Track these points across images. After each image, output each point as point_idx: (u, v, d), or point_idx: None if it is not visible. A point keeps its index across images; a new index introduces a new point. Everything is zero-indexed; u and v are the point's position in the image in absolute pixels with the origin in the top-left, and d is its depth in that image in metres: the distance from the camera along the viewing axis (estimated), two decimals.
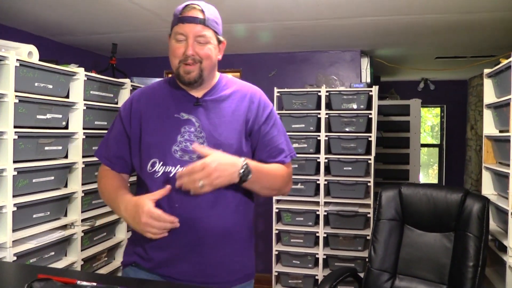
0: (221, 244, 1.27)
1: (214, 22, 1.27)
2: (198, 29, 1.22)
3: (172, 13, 1.31)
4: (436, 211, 1.94)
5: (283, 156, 1.34)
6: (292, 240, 3.32)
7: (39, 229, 2.16)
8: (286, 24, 3.08)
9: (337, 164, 3.23)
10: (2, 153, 1.95)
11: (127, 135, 1.33)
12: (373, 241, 2.02)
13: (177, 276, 1.25)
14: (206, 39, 1.24)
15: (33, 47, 2.12)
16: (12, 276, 1.22)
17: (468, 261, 1.77)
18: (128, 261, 1.33)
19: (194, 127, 1.26)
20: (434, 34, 3.35)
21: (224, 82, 1.36)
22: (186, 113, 1.28)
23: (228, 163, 1.16)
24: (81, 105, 2.42)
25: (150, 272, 1.28)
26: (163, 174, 1.24)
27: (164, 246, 1.24)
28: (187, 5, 1.25)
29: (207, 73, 1.27)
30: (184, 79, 1.26)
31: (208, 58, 1.25)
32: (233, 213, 1.29)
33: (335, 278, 1.87)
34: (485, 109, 2.49)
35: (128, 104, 1.37)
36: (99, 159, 1.40)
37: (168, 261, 1.25)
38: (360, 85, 3.27)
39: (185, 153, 1.24)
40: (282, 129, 1.38)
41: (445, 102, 6.42)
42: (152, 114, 1.31)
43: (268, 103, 1.37)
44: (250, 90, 1.36)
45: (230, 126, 1.28)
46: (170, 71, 4.49)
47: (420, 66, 4.98)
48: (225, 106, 1.31)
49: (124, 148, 1.34)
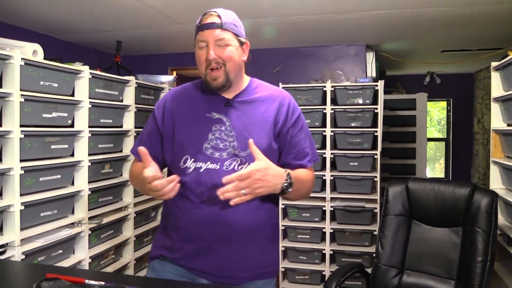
0: (247, 239, 1.31)
1: (232, 24, 1.31)
2: (216, 33, 1.27)
3: (175, 8, 1.33)
4: (444, 206, 1.92)
5: (307, 160, 1.38)
6: (298, 236, 3.31)
7: (47, 228, 2.17)
8: (290, 19, 3.07)
9: (343, 160, 3.22)
10: (9, 152, 1.95)
11: (160, 133, 1.38)
12: (381, 236, 2.01)
13: (202, 269, 1.29)
14: (226, 42, 1.28)
15: (38, 45, 2.12)
16: (20, 275, 1.22)
17: (477, 256, 1.75)
18: (156, 255, 1.38)
19: (224, 126, 1.31)
20: (440, 27, 3.32)
21: (255, 86, 1.41)
22: (217, 112, 1.33)
23: (273, 174, 1.20)
24: (87, 103, 2.42)
25: (176, 263, 1.32)
26: (194, 169, 1.29)
27: (192, 238, 1.29)
28: (205, 13, 1.31)
29: (233, 75, 1.32)
30: (212, 85, 1.31)
31: (230, 60, 1.29)
32: (260, 209, 1.32)
33: (342, 274, 1.86)
34: (493, 103, 2.47)
35: (162, 103, 1.42)
36: (134, 155, 1.45)
37: (194, 253, 1.29)
38: (365, 80, 3.24)
39: (215, 151, 1.29)
40: (308, 133, 1.43)
41: (452, 96, 6.37)
42: (184, 113, 1.36)
43: (297, 108, 1.41)
44: (280, 94, 1.41)
45: (260, 126, 1.32)
46: (175, 68, 4.49)
47: (426, 59, 4.94)
48: (255, 107, 1.35)
49: (156, 145, 1.39)
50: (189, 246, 1.30)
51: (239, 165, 1.28)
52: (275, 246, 1.43)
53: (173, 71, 4.53)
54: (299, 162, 1.37)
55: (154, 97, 3.24)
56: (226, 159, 1.28)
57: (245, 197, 1.15)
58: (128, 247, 2.88)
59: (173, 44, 3.96)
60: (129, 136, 2.89)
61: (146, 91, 3.12)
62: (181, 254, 1.31)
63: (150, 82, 3.20)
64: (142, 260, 3.07)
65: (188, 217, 1.29)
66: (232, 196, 1.14)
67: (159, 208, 3.34)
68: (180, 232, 1.30)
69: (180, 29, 3.24)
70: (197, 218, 1.27)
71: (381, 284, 1.94)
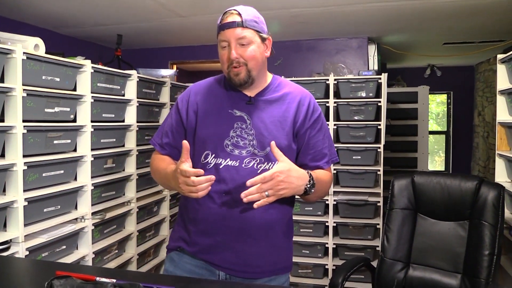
0: (263, 235, 1.32)
1: (253, 21, 1.30)
2: (237, 32, 1.27)
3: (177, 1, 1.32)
4: (450, 200, 1.91)
5: (324, 161, 1.39)
6: (301, 229, 3.31)
7: (50, 223, 2.15)
8: (293, 11, 3.04)
9: (346, 153, 3.21)
10: (12, 148, 1.93)
11: (183, 126, 1.39)
12: (386, 230, 2.00)
13: (219, 263, 1.31)
14: (248, 40, 1.28)
15: (40, 39, 2.09)
16: (29, 273, 1.21)
17: (484, 250, 1.75)
18: (174, 246, 1.39)
19: (245, 124, 1.32)
20: (442, 20, 3.30)
21: (277, 83, 1.41)
22: (238, 110, 1.34)
23: (296, 176, 1.20)
24: (89, 98, 2.39)
25: (193, 257, 1.34)
26: (214, 165, 1.30)
27: (210, 232, 1.30)
28: (225, 12, 1.31)
29: (255, 72, 1.32)
30: (235, 81, 1.31)
31: (253, 59, 1.29)
32: (276, 206, 1.32)
33: (349, 268, 1.86)
34: (498, 95, 2.45)
35: (186, 96, 1.42)
36: (154, 146, 1.45)
37: (211, 248, 1.31)
38: (368, 73, 3.23)
39: (235, 148, 1.30)
40: (328, 134, 1.42)
41: (452, 89, 6.36)
42: (207, 108, 1.36)
43: (317, 108, 1.41)
44: (302, 93, 1.40)
45: (280, 126, 1.32)
46: (175, 62, 4.46)
47: (427, 52, 4.92)
48: (276, 106, 1.35)
49: (179, 137, 1.38)
50: (206, 240, 1.31)
51: (258, 164, 1.29)
52: (289, 242, 1.44)
53: (173, 65, 4.50)
54: (317, 164, 1.37)
55: (156, 91, 3.21)
56: (245, 157, 1.29)
57: (268, 199, 1.16)
58: (131, 242, 2.86)
59: (173, 38, 3.93)
60: (131, 130, 2.87)
61: (148, 85, 3.10)
62: (198, 248, 1.33)
63: (151, 76, 3.17)
64: (145, 255, 3.06)
65: (206, 211, 1.30)
66: (255, 198, 1.14)
67: (161, 203, 3.33)
68: (198, 226, 1.32)
69: (182, 22, 3.21)
70: (215, 213, 1.29)
71: (387, 277, 1.94)
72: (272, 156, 1.25)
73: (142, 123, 2.97)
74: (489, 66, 5.39)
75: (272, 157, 1.26)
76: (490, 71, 5.30)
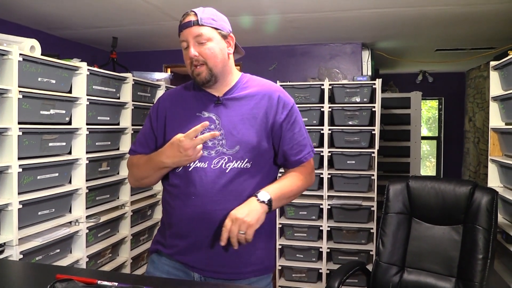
0: None
1: (210, 19, 1.30)
2: (194, 30, 1.28)
3: (173, 4, 1.33)
4: (445, 204, 1.93)
5: (304, 153, 1.38)
6: (295, 234, 3.32)
7: (45, 227, 2.13)
8: (288, 16, 3.06)
9: (341, 158, 3.23)
10: (6, 150, 1.92)
11: (154, 134, 1.41)
12: (381, 234, 2.01)
13: (193, 264, 1.31)
14: (206, 37, 1.28)
15: (36, 41, 2.08)
16: (29, 276, 1.19)
17: (478, 254, 1.77)
18: (153, 249, 1.42)
19: (214, 125, 1.31)
20: (436, 26, 3.34)
21: (245, 81, 1.40)
22: (207, 111, 1.34)
23: (249, 208, 1.22)
24: (84, 100, 2.38)
25: (170, 258, 1.35)
26: (183, 168, 1.31)
27: (183, 235, 1.31)
28: (184, 15, 1.33)
29: (217, 70, 1.31)
30: (197, 81, 1.32)
31: (212, 57, 1.29)
32: None
33: (345, 272, 1.86)
34: (491, 102, 2.49)
35: (156, 104, 1.45)
36: (130, 154, 1.47)
37: (185, 249, 1.31)
38: (363, 78, 3.26)
39: (204, 149, 1.29)
40: (303, 125, 1.41)
41: (443, 95, 6.43)
42: (176, 113, 1.38)
43: (288, 100, 1.39)
44: (270, 88, 1.39)
45: (248, 123, 1.32)
46: (169, 65, 4.45)
47: (420, 58, 4.98)
48: (245, 104, 1.34)
49: (152, 144, 1.41)
50: (180, 242, 1.32)
51: (226, 163, 1.28)
52: (268, 242, 1.40)
53: (167, 68, 4.50)
54: (298, 158, 1.36)
55: (151, 95, 3.21)
56: (214, 157, 1.28)
57: (247, 236, 1.18)
58: (124, 245, 2.85)
59: (168, 41, 3.92)
60: (126, 133, 2.85)
61: (143, 89, 3.09)
62: (174, 250, 1.33)
63: (146, 79, 3.16)
64: (139, 259, 3.04)
65: (178, 214, 1.31)
66: (234, 242, 1.18)
67: (155, 207, 3.31)
68: (172, 229, 1.33)
69: (177, 25, 3.20)
70: (187, 216, 1.29)
71: (382, 281, 1.95)
72: (240, 155, 1.27)
73: (136, 126, 2.96)
74: (479, 73, 5.46)
75: (240, 155, 1.27)
76: (481, 78, 5.37)
